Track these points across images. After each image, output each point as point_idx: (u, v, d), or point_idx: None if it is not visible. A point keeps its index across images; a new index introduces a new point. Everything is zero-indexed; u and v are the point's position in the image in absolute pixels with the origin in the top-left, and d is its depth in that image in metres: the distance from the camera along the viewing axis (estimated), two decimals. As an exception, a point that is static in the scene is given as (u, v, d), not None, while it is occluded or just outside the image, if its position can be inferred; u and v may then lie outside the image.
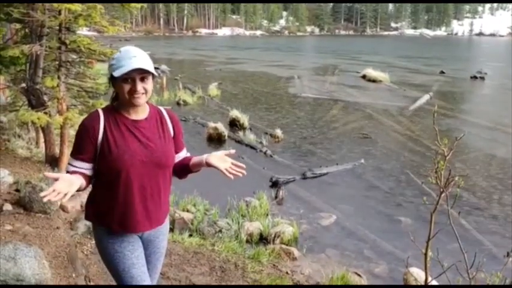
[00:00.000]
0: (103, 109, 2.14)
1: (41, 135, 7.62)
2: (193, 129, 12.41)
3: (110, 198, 2.10)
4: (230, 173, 2.16)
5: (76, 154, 2.09)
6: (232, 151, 2.24)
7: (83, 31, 7.45)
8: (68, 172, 2.09)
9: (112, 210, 2.11)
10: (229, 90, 19.93)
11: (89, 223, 4.82)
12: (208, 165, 2.19)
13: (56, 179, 1.87)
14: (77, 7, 5.47)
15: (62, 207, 5.17)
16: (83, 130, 2.08)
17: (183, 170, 2.29)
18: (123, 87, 2.03)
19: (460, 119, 14.50)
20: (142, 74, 2.03)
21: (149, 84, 2.08)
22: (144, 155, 2.09)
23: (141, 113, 2.15)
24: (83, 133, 2.08)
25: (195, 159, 2.26)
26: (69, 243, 4.48)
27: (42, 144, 7.66)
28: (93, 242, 4.63)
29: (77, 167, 2.08)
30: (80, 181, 1.98)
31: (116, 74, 2.00)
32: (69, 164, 2.12)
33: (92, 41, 6.16)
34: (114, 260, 2.15)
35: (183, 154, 2.33)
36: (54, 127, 6.83)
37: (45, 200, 1.83)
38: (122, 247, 2.15)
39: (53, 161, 6.88)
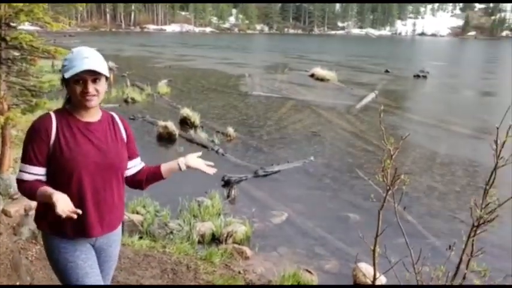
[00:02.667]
0: (55, 111, 2.10)
1: (-20, 136, 7.22)
2: (142, 128, 12.17)
3: None
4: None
5: (29, 159, 2.01)
6: (199, 153, 2.37)
7: (25, 26, 7.10)
8: (22, 181, 2.02)
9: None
10: (179, 87, 19.70)
11: (33, 227, 4.65)
12: (188, 167, 2.29)
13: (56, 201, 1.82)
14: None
15: (5, 212, 4.93)
16: (34, 133, 2.01)
17: (152, 178, 2.31)
18: (74, 89, 2.01)
19: (404, 116, 15.06)
20: (95, 75, 2.01)
21: (101, 85, 2.06)
22: (97, 157, 2.06)
23: (93, 116, 2.12)
24: (35, 136, 2.01)
25: (166, 166, 2.31)
26: (13, 250, 4.28)
27: (-20, 146, 7.26)
28: (38, 247, 4.47)
29: (32, 173, 2.01)
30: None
31: (67, 75, 1.98)
32: (22, 171, 2.02)
33: (35, 37, 5.88)
34: (66, 270, 2.08)
35: (138, 162, 2.32)
36: (-6, 127, 6.48)
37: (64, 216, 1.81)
38: (74, 256, 2.09)
39: (-7, 163, 6.53)
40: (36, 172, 2.02)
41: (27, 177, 2.02)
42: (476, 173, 9.29)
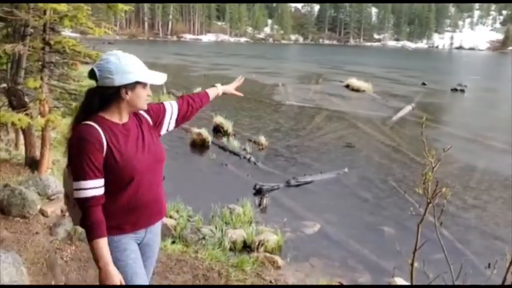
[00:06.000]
0: (93, 121, 2.01)
1: (21, 137, 7.45)
2: (177, 135, 12.29)
3: (122, 203, 2.06)
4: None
5: (89, 173, 1.94)
6: (242, 79, 2.96)
7: (66, 32, 7.31)
8: (86, 199, 1.96)
9: (125, 213, 2.08)
10: (213, 96, 19.84)
11: (69, 228, 4.72)
12: (224, 93, 2.79)
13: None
14: (63, 7, 5.36)
15: (42, 212, 5.04)
16: (88, 145, 1.94)
17: (201, 105, 2.52)
18: (141, 93, 2.08)
19: (441, 130, 14.68)
20: None
21: None
22: (146, 154, 2.10)
23: (127, 116, 2.13)
24: (89, 148, 1.94)
25: (212, 93, 2.65)
26: (49, 249, 4.37)
27: (21, 146, 7.48)
28: (73, 248, 4.53)
29: (95, 187, 1.96)
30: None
31: (142, 78, 2.07)
32: (83, 189, 1.95)
33: (77, 42, 6.05)
34: (117, 269, 2.04)
35: (172, 104, 2.38)
36: (35, 129, 6.68)
37: None
38: (124, 255, 2.09)
39: (33, 164, 6.71)
40: (99, 185, 1.98)
41: (92, 192, 1.96)
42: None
